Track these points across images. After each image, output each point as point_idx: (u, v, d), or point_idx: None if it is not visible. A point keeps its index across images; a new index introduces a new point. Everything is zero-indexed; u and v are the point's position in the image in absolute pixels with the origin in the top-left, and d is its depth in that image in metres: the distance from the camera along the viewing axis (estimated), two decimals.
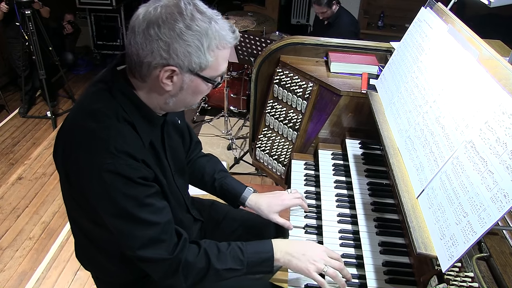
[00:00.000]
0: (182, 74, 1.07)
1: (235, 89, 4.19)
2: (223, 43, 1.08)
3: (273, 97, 2.14)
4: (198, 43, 1.03)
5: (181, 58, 1.03)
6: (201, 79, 1.10)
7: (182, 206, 1.42)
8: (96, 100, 1.11)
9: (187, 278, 1.23)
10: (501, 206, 0.89)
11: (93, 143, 1.06)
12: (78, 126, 1.11)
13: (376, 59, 2.06)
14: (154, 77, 1.07)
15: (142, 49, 1.03)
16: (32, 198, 3.29)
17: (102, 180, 1.05)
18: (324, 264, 1.26)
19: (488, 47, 1.19)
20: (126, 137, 1.09)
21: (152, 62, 1.04)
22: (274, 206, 1.51)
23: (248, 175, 3.61)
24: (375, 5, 6.19)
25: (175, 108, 1.18)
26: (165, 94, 1.12)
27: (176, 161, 1.35)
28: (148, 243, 1.15)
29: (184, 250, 1.22)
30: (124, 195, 1.08)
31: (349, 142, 1.89)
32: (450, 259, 0.99)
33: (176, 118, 1.37)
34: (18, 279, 2.60)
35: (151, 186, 1.15)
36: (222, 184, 1.55)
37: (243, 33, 3.26)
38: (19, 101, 4.65)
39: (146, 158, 1.13)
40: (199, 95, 1.16)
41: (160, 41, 1.01)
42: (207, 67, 1.08)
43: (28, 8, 3.88)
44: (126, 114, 1.11)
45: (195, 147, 1.61)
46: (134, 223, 1.12)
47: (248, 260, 1.27)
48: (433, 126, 1.26)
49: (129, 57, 1.08)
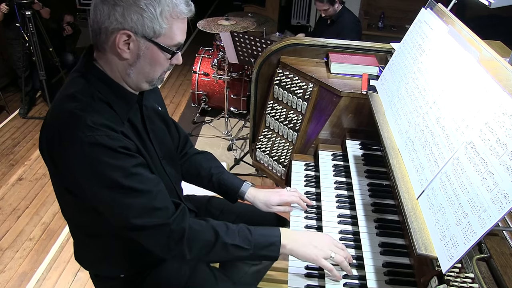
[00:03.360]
0: (137, 40, 1.11)
1: (235, 90, 4.19)
2: (176, 12, 1.12)
3: (273, 98, 2.14)
4: (151, 8, 1.08)
5: (135, 21, 1.08)
6: (156, 47, 1.13)
7: (173, 195, 1.41)
8: (72, 86, 1.16)
9: (192, 249, 1.22)
10: (501, 207, 0.89)
11: (71, 120, 1.09)
12: (56, 110, 1.16)
13: (376, 60, 2.06)
14: (111, 44, 1.11)
15: (100, 15, 1.09)
16: (32, 199, 3.30)
17: (86, 153, 1.08)
18: (331, 251, 1.30)
19: (488, 48, 1.19)
20: (102, 112, 1.13)
21: (109, 27, 1.09)
22: (272, 199, 1.54)
23: (248, 176, 3.60)
24: (375, 6, 6.19)
25: (137, 81, 1.20)
26: (123, 62, 1.15)
27: (162, 147, 1.36)
28: (142, 212, 1.15)
29: (185, 219, 1.22)
30: (109, 166, 1.10)
31: (349, 143, 1.89)
32: (450, 260, 0.99)
33: (155, 104, 1.39)
34: (18, 280, 2.60)
35: (136, 156, 1.16)
36: (220, 179, 1.56)
37: (243, 34, 3.26)
38: (19, 102, 4.65)
39: (125, 131, 1.16)
40: (157, 66, 1.18)
41: (116, 6, 1.07)
42: (161, 34, 1.12)
43: (28, 9, 3.89)
44: (101, 94, 1.15)
45: (185, 141, 1.63)
46: (123, 192, 1.12)
47: (256, 241, 1.28)
48: (433, 127, 1.26)
49: (91, 29, 1.14)
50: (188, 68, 5.51)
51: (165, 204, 1.20)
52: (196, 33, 6.62)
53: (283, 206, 1.55)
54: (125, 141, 1.13)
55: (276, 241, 1.29)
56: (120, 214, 1.15)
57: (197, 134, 4.22)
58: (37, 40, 3.97)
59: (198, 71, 4.27)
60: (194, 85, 4.28)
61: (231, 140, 3.94)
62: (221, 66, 4.04)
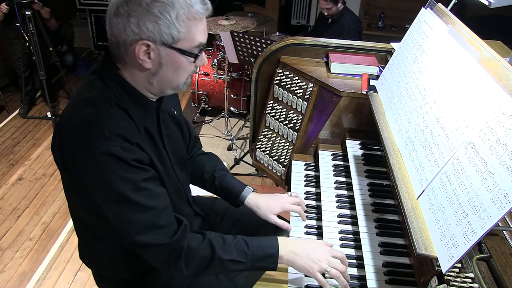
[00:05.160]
0: (157, 49, 1.09)
1: (235, 90, 4.20)
2: (192, 13, 1.08)
3: (273, 98, 2.14)
4: (166, 13, 1.05)
5: (151, 30, 1.06)
6: (177, 52, 1.11)
7: (183, 199, 1.42)
8: (89, 89, 1.14)
9: (189, 266, 1.22)
10: (501, 206, 0.89)
11: (87, 127, 1.08)
12: (72, 114, 1.14)
13: (376, 60, 2.06)
14: (132, 55, 1.09)
15: (116, 28, 1.07)
16: (32, 199, 3.29)
17: (98, 163, 1.07)
18: (327, 265, 1.27)
19: (488, 48, 1.19)
20: (119, 121, 1.11)
21: (126, 40, 1.07)
22: (273, 207, 1.51)
23: (248, 176, 3.61)
24: (375, 5, 6.19)
25: (161, 88, 1.18)
26: (146, 72, 1.13)
27: (175, 152, 1.35)
28: (146, 228, 1.15)
29: (186, 237, 1.22)
30: (119, 177, 1.09)
31: (349, 143, 1.89)
32: (450, 259, 0.99)
33: (171, 108, 1.38)
34: (18, 279, 2.60)
35: (147, 170, 1.15)
36: (222, 182, 1.55)
37: (243, 33, 3.26)
38: (19, 101, 4.64)
39: (141, 142, 1.14)
40: (181, 71, 1.15)
41: (130, 17, 1.05)
42: (181, 39, 1.09)
43: (28, 9, 3.88)
44: (118, 100, 1.13)
45: (194, 143, 1.62)
46: (130, 207, 1.12)
47: (253, 254, 1.27)
48: (433, 127, 1.26)
49: (110, 42, 1.12)
50: None
51: (169, 222, 1.19)
52: None
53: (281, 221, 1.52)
54: (139, 154, 1.12)
55: (273, 253, 1.28)
56: (124, 228, 1.16)
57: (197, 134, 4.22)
58: (37, 40, 3.97)
59: (198, 71, 4.27)
60: (194, 85, 4.28)
61: (231, 140, 3.94)
62: (221, 66, 4.04)
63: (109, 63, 1.16)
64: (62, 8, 5.12)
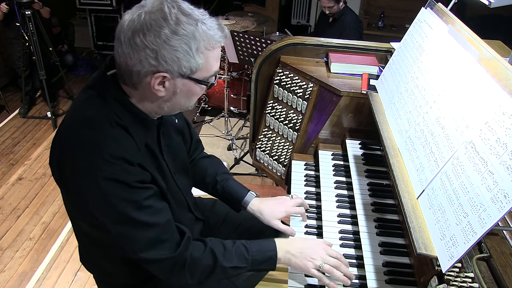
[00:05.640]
0: (173, 79, 1.06)
1: (235, 90, 4.19)
2: (212, 44, 1.06)
3: (273, 98, 2.14)
4: (186, 47, 1.01)
5: (170, 63, 1.02)
6: (193, 82, 1.09)
7: (184, 206, 1.42)
8: (88, 107, 1.11)
9: (193, 275, 1.23)
10: (501, 206, 0.89)
11: (88, 151, 1.06)
12: (72, 134, 1.11)
13: (376, 60, 2.06)
14: (145, 84, 1.07)
15: (130, 58, 1.02)
16: (32, 199, 3.29)
17: (100, 187, 1.05)
18: (321, 261, 1.29)
19: (488, 48, 1.19)
20: (120, 142, 1.08)
21: (141, 71, 1.03)
22: (276, 212, 1.50)
23: (248, 176, 3.60)
24: (375, 5, 6.19)
25: (170, 111, 1.18)
26: (158, 100, 1.11)
27: (176, 160, 1.35)
28: (150, 245, 1.15)
29: (189, 248, 1.22)
30: (122, 200, 1.08)
31: (349, 143, 1.89)
32: (450, 259, 0.99)
33: (173, 117, 1.37)
34: (18, 279, 2.60)
35: (149, 188, 1.14)
36: (224, 186, 1.54)
37: (243, 33, 3.26)
38: (19, 101, 4.65)
39: (142, 161, 1.12)
40: (193, 97, 1.15)
41: (147, 49, 1.00)
42: (198, 70, 1.07)
43: (28, 9, 3.88)
44: (118, 118, 1.10)
45: (196, 146, 1.61)
46: (134, 226, 1.12)
47: (253, 258, 1.28)
48: (433, 127, 1.26)
49: (118, 65, 1.08)
50: None
51: (172, 234, 1.19)
52: None
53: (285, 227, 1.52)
54: (141, 174, 1.11)
55: (272, 255, 1.31)
56: (127, 245, 1.15)
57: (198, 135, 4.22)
58: (37, 40, 3.97)
59: None
60: None
61: (231, 139, 3.94)
62: (221, 65, 4.03)
63: (109, 78, 1.13)
64: (62, 8, 5.12)
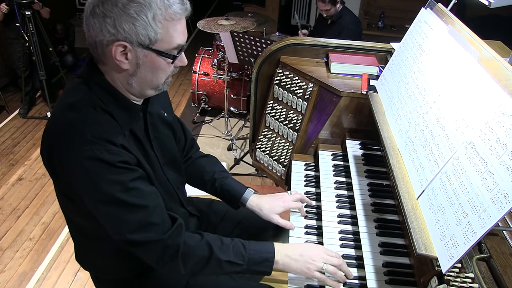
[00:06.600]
0: (134, 50, 1.08)
1: (235, 90, 4.20)
2: (170, 14, 1.07)
3: (273, 98, 2.14)
4: (142, 14, 1.04)
5: (128, 31, 1.04)
6: (155, 53, 1.10)
7: (175, 200, 1.41)
8: (74, 94, 1.14)
9: (186, 265, 1.22)
10: (501, 207, 0.89)
11: (72, 132, 1.08)
12: (57, 119, 1.14)
13: (376, 60, 2.06)
14: (109, 56, 1.09)
15: (93, 29, 1.06)
16: (32, 199, 3.30)
17: (84, 168, 1.06)
18: (323, 263, 1.29)
19: (488, 48, 1.19)
20: (103, 124, 1.11)
21: (103, 40, 1.06)
22: (275, 207, 1.52)
23: (248, 176, 3.61)
24: (375, 5, 6.20)
25: (140, 89, 1.17)
26: (124, 73, 1.13)
27: (165, 152, 1.35)
28: (138, 227, 1.15)
29: (181, 235, 1.22)
30: (107, 180, 1.09)
31: (349, 143, 1.89)
32: (450, 259, 0.99)
33: (161, 111, 1.37)
34: (18, 279, 2.60)
35: (135, 170, 1.15)
36: (223, 184, 1.55)
37: (243, 34, 3.26)
38: (19, 102, 4.65)
39: (126, 144, 1.14)
40: (159, 72, 1.15)
41: (106, 17, 1.04)
42: (158, 40, 1.08)
43: (28, 9, 3.89)
44: (103, 104, 1.13)
45: (191, 144, 1.62)
46: (121, 207, 1.12)
47: (250, 256, 1.28)
48: (433, 127, 1.26)
49: (88, 43, 1.11)
50: (188, 68, 5.49)
51: (162, 219, 1.19)
52: (196, 33, 6.62)
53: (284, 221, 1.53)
54: (125, 155, 1.11)
55: (269, 257, 1.29)
56: (116, 228, 1.16)
57: (197, 134, 4.22)
58: (37, 40, 3.97)
59: (198, 71, 4.27)
60: (194, 85, 4.28)
61: (231, 140, 3.94)
62: (221, 66, 4.04)
63: (93, 66, 1.16)
64: (62, 8, 5.12)
